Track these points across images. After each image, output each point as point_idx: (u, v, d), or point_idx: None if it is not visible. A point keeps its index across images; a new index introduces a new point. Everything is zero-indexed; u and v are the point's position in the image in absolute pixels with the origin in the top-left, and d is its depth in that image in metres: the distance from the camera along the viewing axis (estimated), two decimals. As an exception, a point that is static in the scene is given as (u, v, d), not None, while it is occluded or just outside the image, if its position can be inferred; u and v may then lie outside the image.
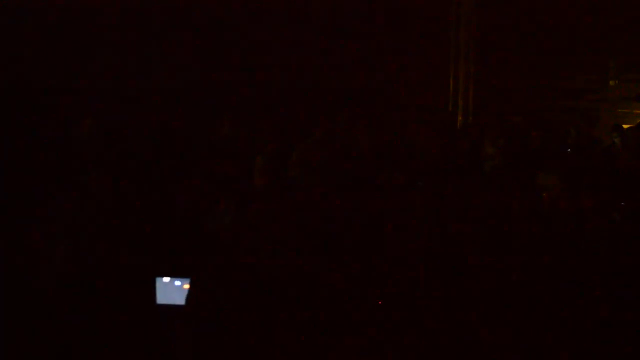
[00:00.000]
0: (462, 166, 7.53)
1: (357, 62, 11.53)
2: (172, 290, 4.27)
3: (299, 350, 4.59)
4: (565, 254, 5.60)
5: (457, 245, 5.65)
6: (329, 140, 7.29)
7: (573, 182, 6.66)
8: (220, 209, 6.44)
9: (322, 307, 5.00)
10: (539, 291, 5.28)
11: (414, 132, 8.66)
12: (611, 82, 11.99)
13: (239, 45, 11.42)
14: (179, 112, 9.16)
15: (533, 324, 5.06)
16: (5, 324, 4.93)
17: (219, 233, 5.88)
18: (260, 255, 5.50)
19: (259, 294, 4.52)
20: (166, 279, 4.26)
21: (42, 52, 10.24)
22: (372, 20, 11.49)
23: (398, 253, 5.46)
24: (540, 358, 4.92)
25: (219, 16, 11.36)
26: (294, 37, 11.46)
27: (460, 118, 11.32)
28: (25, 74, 9.57)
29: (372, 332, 4.91)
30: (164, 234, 5.62)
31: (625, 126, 9.07)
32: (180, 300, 4.21)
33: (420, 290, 5.22)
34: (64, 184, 5.99)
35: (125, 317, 4.76)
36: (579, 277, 5.39)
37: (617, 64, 11.89)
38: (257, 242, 5.50)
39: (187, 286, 4.20)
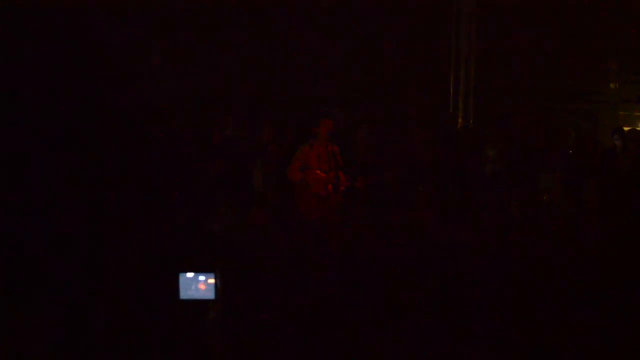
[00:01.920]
0: (463, 168, 7.53)
1: (358, 65, 11.53)
2: (197, 285, 4.28)
3: (302, 348, 4.63)
4: (566, 255, 5.61)
5: (458, 247, 5.66)
6: (329, 142, 7.27)
7: (574, 184, 6.67)
8: (221, 211, 6.46)
9: (321, 307, 5.01)
10: (540, 292, 5.29)
11: (415, 134, 8.66)
12: (611, 85, 11.97)
13: (239, 46, 11.42)
14: (181, 115, 9.16)
15: (534, 325, 5.07)
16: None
17: (222, 234, 5.90)
18: (262, 256, 5.51)
19: (264, 292, 4.56)
20: (190, 274, 4.28)
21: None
22: (373, 22, 11.49)
23: (399, 254, 5.47)
24: (540, 358, 4.93)
25: (220, 16, 11.35)
26: (295, 38, 11.46)
27: (460, 120, 11.32)
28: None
29: (370, 331, 4.93)
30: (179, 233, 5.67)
31: (625, 128, 9.07)
32: (205, 295, 4.24)
33: (420, 291, 5.23)
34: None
35: (149, 313, 4.81)
36: (580, 277, 5.40)
37: (617, 66, 11.88)
38: (259, 244, 5.52)
39: (211, 280, 4.24)
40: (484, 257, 5.63)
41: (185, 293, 4.22)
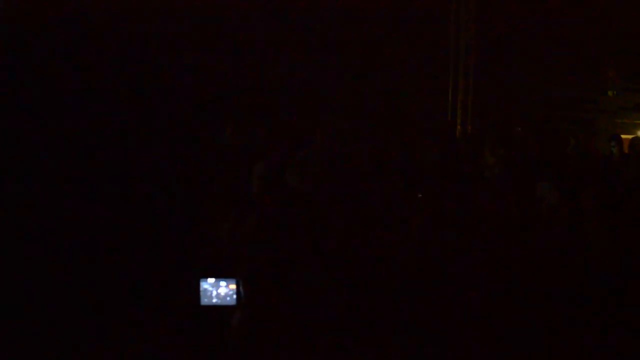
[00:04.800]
0: (462, 175, 7.53)
1: (356, 71, 11.55)
2: (217, 291, 4.24)
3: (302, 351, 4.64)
4: (564, 262, 5.61)
5: (457, 253, 5.66)
6: (328, 148, 7.28)
7: (572, 191, 6.67)
8: (217, 217, 6.43)
9: (320, 315, 5.00)
10: (539, 299, 5.29)
11: (414, 141, 8.66)
12: (609, 93, 12.01)
13: (238, 50, 11.42)
14: (180, 119, 9.17)
15: (532, 330, 5.07)
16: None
17: (217, 241, 5.88)
18: (259, 264, 5.49)
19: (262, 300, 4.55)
20: (211, 280, 4.24)
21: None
22: (371, 28, 11.51)
23: (398, 261, 5.47)
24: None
25: (219, 21, 11.37)
26: (294, 43, 11.47)
27: (459, 127, 11.33)
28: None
29: (369, 337, 4.93)
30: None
31: (623, 136, 9.08)
32: (226, 301, 4.19)
33: (419, 296, 5.22)
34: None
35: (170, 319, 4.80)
36: (578, 284, 5.39)
37: (615, 74, 11.91)
38: (256, 252, 5.49)
39: (232, 286, 4.19)
40: (481, 263, 5.63)
41: (206, 299, 4.17)
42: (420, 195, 6.28)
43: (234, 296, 4.16)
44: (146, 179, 6.85)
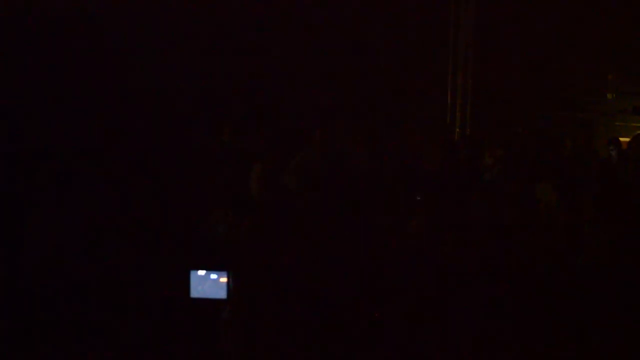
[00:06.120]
0: (461, 177, 7.53)
1: (355, 73, 11.54)
2: (208, 283, 4.18)
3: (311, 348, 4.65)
4: (562, 264, 5.62)
5: (455, 255, 5.66)
6: (326, 149, 7.28)
7: (570, 193, 6.68)
8: (214, 217, 6.44)
9: (318, 315, 5.00)
10: (537, 301, 5.30)
11: (412, 143, 8.67)
12: (608, 95, 12.01)
13: (237, 51, 11.42)
14: (178, 119, 9.17)
15: (530, 332, 5.08)
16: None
17: (214, 241, 5.88)
18: (257, 263, 5.50)
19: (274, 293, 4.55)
20: (201, 272, 4.18)
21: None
22: (370, 30, 11.51)
23: (397, 263, 5.47)
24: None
25: (218, 22, 11.37)
26: (294, 46, 11.47)
27: (458, 130, 11.32)
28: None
29: (368, 339, 4.93)
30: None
31: (621, 139, 9.07)
32: (216, 294, 4.14)
33: (418, 299, 5.23)
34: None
35: (160, 311, 4.78)
36: (576, 286, 5.40)
37: (614, 77, 11.92)
38: (254, 250, 5.51)
39: (224, 279, 4.15)
40: (480, 264, 5.64)
41: (196, 291, 4.12)
42: (419, 198, 6.28)
43: (224, 289, 4.11)
44: (145, 178, 6.86)
